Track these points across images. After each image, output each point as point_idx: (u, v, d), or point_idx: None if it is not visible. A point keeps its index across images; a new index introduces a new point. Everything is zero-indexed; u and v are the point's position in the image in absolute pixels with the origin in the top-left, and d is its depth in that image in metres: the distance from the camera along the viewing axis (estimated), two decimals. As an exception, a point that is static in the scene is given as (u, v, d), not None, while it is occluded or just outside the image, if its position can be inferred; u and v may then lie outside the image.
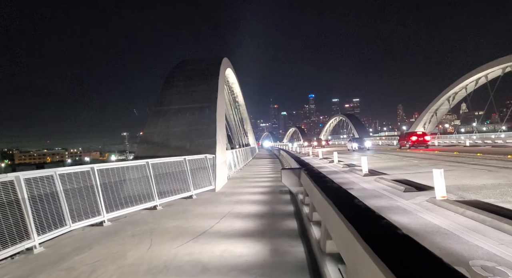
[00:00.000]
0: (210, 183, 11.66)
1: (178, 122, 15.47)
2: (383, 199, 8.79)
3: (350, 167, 18.40)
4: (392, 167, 16.84)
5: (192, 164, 10.83)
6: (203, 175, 11.41)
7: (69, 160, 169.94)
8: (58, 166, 7.61)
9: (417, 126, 61.57)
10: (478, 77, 45.66)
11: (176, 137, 14.46)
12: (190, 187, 10.30)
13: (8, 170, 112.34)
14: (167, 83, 19.51)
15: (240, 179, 15.63)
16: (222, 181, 13.35)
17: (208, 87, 18.58)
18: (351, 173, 15.61)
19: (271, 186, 12.61)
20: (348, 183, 12.38)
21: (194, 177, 10.74)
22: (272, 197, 10.24)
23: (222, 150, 15.03)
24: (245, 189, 12.10)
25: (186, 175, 10.31)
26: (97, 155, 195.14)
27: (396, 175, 13.62)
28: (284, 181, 9.19)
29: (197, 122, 15.42)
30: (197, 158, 11.20)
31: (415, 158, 21.58)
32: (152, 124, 15.35)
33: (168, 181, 9.48)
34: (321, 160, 26.73)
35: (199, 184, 10.96)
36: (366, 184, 11.62)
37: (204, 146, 13.83)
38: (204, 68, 22.44)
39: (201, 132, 14.71)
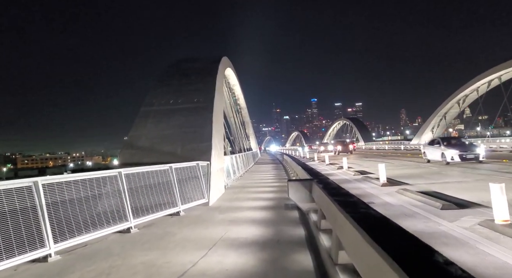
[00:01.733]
0: (203, 195, 9.82)
1: (169, 124, 13.68)
2: (418, 219, 6.92)
3: (362, 174, 16.51)
4: (411, 175, 14.94)
5: (180, 173, 9.01)
6: (194, 186, 9.57)
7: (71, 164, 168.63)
8: (60, 171, 5.87)
9: (424, 130, 59.61)
10: (491, 79, 43.73)
11: (166, 141, 12.66)
12: (177, 202, 8.47)
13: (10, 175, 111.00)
14: (159, 82, 17.76)
15: (240, 189, 13.78)
16: (217, 192, 11.51)
17: (204, 86, 16.81)
18: (365, 182, 13.72)
19: (275, 198, 10.76)
20: (366, 195, 10.50)
21: (183, 188, 8.91)
22: (276, 214, 8.40)
23: (219, 156, 13.21)
24: (244, 203, 10.25)
25: (172, 187, 8.48)
26: (99, 159, 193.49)
27: (419, 185, 11.73)
28: (292, 196, 7.38)
29: (191, 124, 13.62)
30: (186, 166, 9.37)
31: (433, 165, 19.64)
32: (139, 127, 13.56)
33: (148, 195, 7.66)
34: (328, 165, 24.83)
35: (189, 197, 9.13)
36: (388, 197, 9.75)
37: (197, 151, 12.02)
38: (202, 66, 20.71)
39: (195, 135, 12.90)
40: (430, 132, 58.84)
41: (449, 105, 53.42)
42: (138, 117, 14.14)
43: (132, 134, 13.05)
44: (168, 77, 18.62)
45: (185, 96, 15.80)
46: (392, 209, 8.11)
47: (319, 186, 6.22)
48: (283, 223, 7.34)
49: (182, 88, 16.77)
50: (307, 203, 7.27)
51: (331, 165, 25.23)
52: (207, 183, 10.41)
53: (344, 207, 3.93)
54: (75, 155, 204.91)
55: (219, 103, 16.51)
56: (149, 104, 15.20)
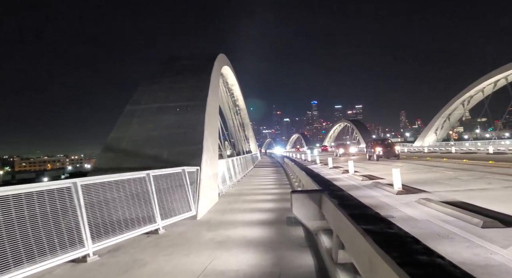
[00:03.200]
0: (190, 207, 8.31)
1: (156, 125, 12.19)
2: (458, 242, 5.41)
3: (371, 180, 15.01)
4: (426, 181, 13.43)
5: (162, 181, 7.51)
6: (179, 196, 8.06)
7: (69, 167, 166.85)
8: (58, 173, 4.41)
9: (428, 132, 58.11)
10: (497, 79, 42.24)
11: (151, 143, 11.16)
12: (155, 217, 6.96)
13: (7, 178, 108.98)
14: (150, 79, 16.30)
15: (236, 197, 12.26)
16: (208, 202, 10.01)
17: (197, 83, 15.35)
18: (377, 189, 12.21)
19: (275, 210, 9.26)
20: (380, 205, 9.00)
21: (164, 200, 7.40)
22: (277, 231, 6.90)
23: (212, 160, 11.72)
24: (239, 215, 8.74)
25: (150, 199, 6.97)
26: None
27: (440, 193, 10.24)
28: (296, 212, 5.90)
29: (181, 124, 12.13)
30: (169, 173, 7.87)
31: (446, 168, 18.13)
32: (122, 127, 12.07)
33: (118, 210, 6.15)
34: (331, 169, 23.31)
35: (172, 210, 7.62)
36: (408, 209, 8.24)
37: (186, 155, 10.53)
38: (196, 63, 19.27)
39: (185, 137, 11.41)
40: (434, 134, 57.36)
41: (453, 106, 51.88)
42: (122, 116, 12.64)
43: (113, 136, 11.55)
44: (160, 74, 17.18)
45: (176, 94, 14.34)
46: (418, 226, 6.60)
47: (333, 201, 4.74)
48: (285, 246, 5.84)
49: (174, 86, 15.33)
50: (315, 220, 5.80)
51: (335, 168, 23.72)
52: (195, 192, 8.91)
53: (383, 246, 2.45)
54: (73, 158, 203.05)
55: (213, 102, 15.05)
56: (136, 102, 13.72)
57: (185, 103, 13.52)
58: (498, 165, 18.39)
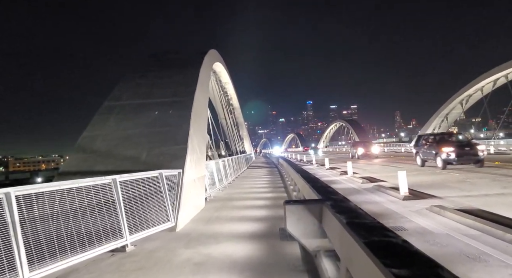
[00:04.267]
0: (168, 217, 7.14)
1: (136, 122, 11.00)
2: (498, 268, 4.30)
3: (372, 182, 13.91)
4: (432, 184, 12.37)
5: (133, 188, 6.34)
6: (155, 205, 6.89)
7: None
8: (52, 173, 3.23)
9: (425, 131, 57.24)
10: (497, 78, 41.43)
11: (129, 143, 9.97)
12: (122, 231, 5.78)
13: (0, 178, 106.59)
14: (133, 73, 15.09)
15: (224, 202, 11.11)
16: (192, 210, 8.84)
17: (184, 78, 14.18)
18: (380, 193, 11.11)
19: (267, 218, 8.12)
20: (387, 214, 7.90)
21: (135, 210, 6.23)
22: (268, 248, 5.77)
23: (198, 162, 10.55)
24: (226, 226, 7.57)
25: (116, 209, 5.80)
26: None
27: (452, 198, 9.16)
28: (291, 228, 4.81)
29: (163, 122, 10.96)
30: (143, 177, 6.69)
31: (451, 170, 17.09)
32: (97, 125, 10.85)
33: (72, 224, 4.97)
34: (328, 170, 22.23)
35: (146, 221, 6.45)
36: (420, 219, 7.13)
37: (168, 156, 9.36)
38: (184, 58, 18.18)
39: (167, 136, 10.24)
40: (431, 134, 56.56)
41: (451, 105, 51.07)
42: (98, 113, 11.43)
43: (86, 135, 10.34)
44: (144, 68, 15.99)
45: (161, 90, 13.16)
46: (438, 241, 5.49)
47: (338, 218, 3.63)
48: (277, 270, 4.70)
49: (159, 81, 14.15)
50: (315, 238, 4.71)
51: (332, 169, 22.64)
52: (175, 199, 7.74)
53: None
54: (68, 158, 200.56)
55: (202, 98, 13.89)
56: (115, 98, 12.52)
57: (170, 99, 12.35)
58: (506, 166, 17.40)
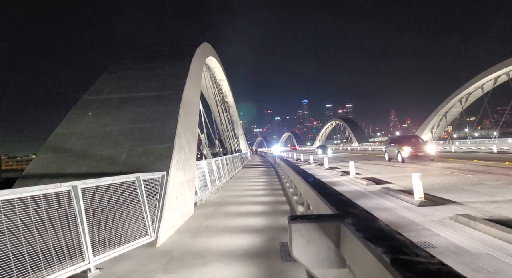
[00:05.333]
0: (146, 229, 5.95)
1: (117, 118, 9.78)
2: None
3: (377, 184, 12.81)
4: (445, 187, 11.28)
5: (101, 196, 5.14)
6: (130, 216, 5.69)
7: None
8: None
9: (423, 130, 56.45)
10: (498, 75, 40.53)
11: (108, 141, 8.75)
12: (84, 251, 4.59)
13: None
14: (118, 65, 13.87)
15: (216, 207, 9.93)
16: (178, 219, 7.66)
17: (173, 70, 13.00)
18: (389, 198, 9.98)
19: (265, 229, 6.96)
20: (404, 223, 6.78)
21: (102, 224, 5.03)
22: (268, 272, 4.60)
23: (187, 162, 9.37)
24: (216, 239, 6.40)
25: (75, 225, 4.60)
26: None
27: (475, 205, 8.06)
28: (298, 253, 3.61)
29: (148, 118, 9.75)
30: (114, 183, 5.49)
31: (459, 170, 16.02)
32: (73, 121, 9.62)
33: (11, 247, 3.77)
34: (327, 171, 21.13)
35: (117, 237, 5.25)
36: (447, 231, 6.01)
37: (151, 156, 8.16)
38: (174, 49, 16.95)
39: (151, 133, 9.04)
40: (429, 132, 55.72)
41: (450, 104, 50.17)
42: (75, 108, 10.19)
43: (58, 133, 9.10)
44: (131, 61, 14.77)
45: (147, 83, 11.96)
46: (481, 266, 4.35)
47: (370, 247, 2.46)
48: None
49: (145, 74, 12.95)
50: (330, 268, 3.55)
51: (331, 169, 21.54)
52: (157, 208, 6.55)
53: None
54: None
55: (193, 93, 12.69)
56: (96, 91, 11.29)
57: (157, 93, 11.15)
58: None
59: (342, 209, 4.07)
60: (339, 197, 5.06)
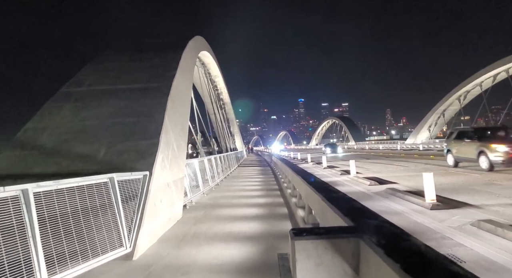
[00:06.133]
0: (121, 239, 5.06)
1: (98, 112, 8.85)
2: None
3: (381, 184, 12.00)
4: (455, 187, 10.49)
5: (61, 202, 4.24)
6: (101, 224, 4.79)
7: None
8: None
9: (421, 128, 55.85)
10: (497, 73, 39.91)
11: (85, 137, 7.82)
12: (35, 271, 3.69)
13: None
14: (103, 57, 12.92)
15: (208, 210, 9.05)
16: (162, 224, 6.76)
17: (163, 62, 12.08)
18: (397, 199, 9.15)
19: (261, 236, 6.09)
20: (419, 230, 5.95)
21: (63, 236, 4.13)
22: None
23: (174, 161, 8.48)
24: (204, 250, 5.51)
25: (26, 238, 3.70)
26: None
27: (493, 208, 7.25)
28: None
29: (132, 112, 8.83)
30: (81, 185, 4.59)
31: (465, 169, 15.25)
32: (47, 115, 8.68)
33: None
34: (326, 169, 20.30)
35: (83, 250, 4.35)
36: (473, 241, 5.17)
37: (133, 153, 7.26)
38: (166, 42, 16.01)
39: (135, 128, 8.13)
40: (427, 131, 55.12)
41: (448, 102, 49.51)
42: (51, 101, 9.25)
43: (30, 127, 8.16)
44: (118, 52, 13.82)
45: (133, 75, 11.04)
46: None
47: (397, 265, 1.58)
48: None
49: (132, 65, 12.03)
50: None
51: (330, 168, 20.72)
52: (136, 214, 5.65)
53: None
54: None
55: (183, 86, 11.78)
56: (75, 83, 10.34)
57: (143, 85, 10.23)
58: None
59: (358, 220, 3.20)
60: (351, 202, 4.20)
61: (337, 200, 4.46)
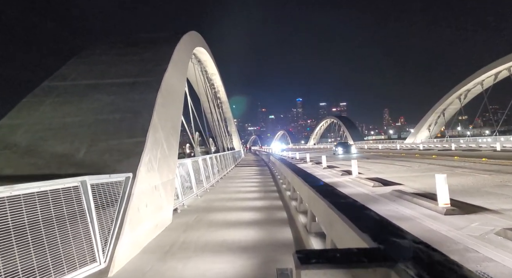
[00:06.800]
0: (94, 253, 4.34)
1: (81, 108, 8.12)
2: None
3: (385, 185, 11.32)
4: (465, 188, 9.83)
5: (15, 211, 3.52)
6: (68, 236, 4.07)
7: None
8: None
9: (420, 128, 55.30)
10: (498, 71, 39.32)
11: (64, 135, 7.10)
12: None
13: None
14: (91, 50, 12.19)
15: (200, 214, 8.33)
16: (146, 234, 6.04)
17: (154, 56, 11.38)
18: (405, 203, 8.45)
19: (258, 246, 5.38)
20: (436, 240, 5.27)
21: (16, 253, 3.41)
22: None
23: (164, 161, 7.76)
24: (192, 264, 4.79)
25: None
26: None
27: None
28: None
29: (117, 108, 8.11)
30: (42, 190, 3.86)
31: (473, 170, 14.59)
32: (25, 111, 7.94)
33: None
34: (326, 169, 19.63)
35: (42, 268, 3.63)
36: (504, 256, 4.49)
37: (116, 153, 6.54)
38: (158, 36, 15.31)
39: (119, 125, 7.41)
40: (427, 130, 54.57)
41: (448, 101, 48.88)
42: (30, 96, 8.51)
43: (4, 124, 7.41)
44: (108, 46, 13.09)
45: (122, 68, 10.33)
46: None
47: None
48: None
49: (122, 59, 11.34)
50: None
51: (329, 168, 20.05)
52: (114, 222, 4.94)
53: None
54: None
55: (176, 81, 11.07)
56: (59, 77, 9.61)
57: (132, 79, 9.51)
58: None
59: (381, 238, 2.49)
60: (365, 212, 3.50)
61: (347, 207, 3.76)
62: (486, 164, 16.71)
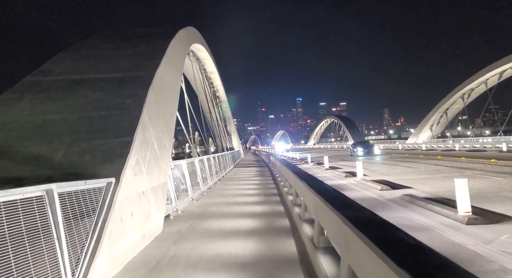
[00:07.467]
0: (61, 274, 3.61)
1: (64, 105, 7.40)
2: None
3: (394, 189, 10.61)
4: (481, 193, 9.12)
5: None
6: (28, 257, 3.35)
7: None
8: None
9: (423, 127, 54.56)
10: (503, 70, 38.54)
11: (42, 134, 6.38)
12: None
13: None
14: (78, 44, 11.48)
15: (195, 221, 7.61)
16: (130, 248, 5.32)
17: (148, 50, 10.68)
18: (419, 209, 7.72)
19: (257, 262, 4.66)
20: (468, 260, 4.55)
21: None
22: None
23: (154, 163, 7.04)
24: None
25: None
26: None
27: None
28: None
29: (103, 104, 7.39)
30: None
31: (484, 172, 13.87)
32: (1, 108, 7.23)
33: None
34: (328, 171, 18.91)
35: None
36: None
37: (99, 155, 5.81)
38: (155, 31, 14.59)
39: (104, 124, 6.69)
40: (429, 130, 53.81)
41: (451, 100, 48.11)
42: (10, 91, 7.79)
43: (-25, 121, 6.71)
44: (100, 40, 12.38)
45: (112, 63, 9.63)
46: None
47: None
48: None
49: (113, 53, 10.66)
50: None
51: (332, 169, 19.33)
52: (90, 236, 4.22)
53: None
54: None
55: (170, 76, 10.36)
56: (43, 72, 8.90)
57: (121, 74, 8.80)
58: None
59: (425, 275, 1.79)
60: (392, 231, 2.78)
61: (368, 224, 3.03)
62: (496, 166, 15.99)
